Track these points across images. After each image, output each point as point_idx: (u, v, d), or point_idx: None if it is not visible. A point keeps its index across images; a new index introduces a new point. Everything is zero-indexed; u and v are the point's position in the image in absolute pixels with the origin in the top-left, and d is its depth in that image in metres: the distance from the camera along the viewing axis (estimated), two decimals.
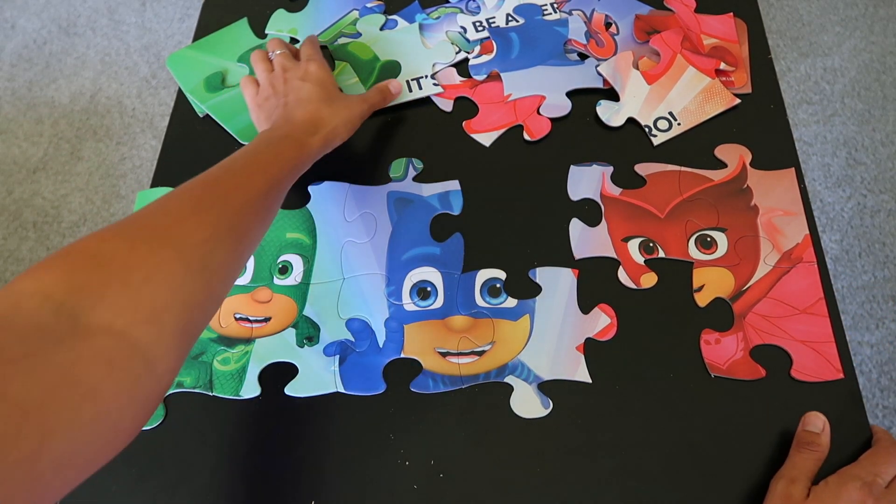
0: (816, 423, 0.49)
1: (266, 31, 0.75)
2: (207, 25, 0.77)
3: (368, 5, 0.76)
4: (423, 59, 0.71)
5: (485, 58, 0.70)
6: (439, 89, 0.69)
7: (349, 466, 0.52)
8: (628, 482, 0.50)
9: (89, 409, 0.30)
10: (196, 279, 0.39)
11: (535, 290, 0.57)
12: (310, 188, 0.64)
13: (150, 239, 0.39)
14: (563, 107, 0.67)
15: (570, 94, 0.67)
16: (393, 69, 0.71)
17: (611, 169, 0.63)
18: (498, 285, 0.57)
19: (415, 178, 0.64)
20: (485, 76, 0.69)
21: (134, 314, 0.34)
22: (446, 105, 0.68)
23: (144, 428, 0.53)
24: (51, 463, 0.28)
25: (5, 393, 0.27)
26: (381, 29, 0.74)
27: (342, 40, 0.74)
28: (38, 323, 0.31)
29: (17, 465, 0.26)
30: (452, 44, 0.72)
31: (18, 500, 0.26)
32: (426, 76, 0.69)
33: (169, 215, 0.41)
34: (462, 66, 0.71)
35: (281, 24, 0.76)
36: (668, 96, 0.66)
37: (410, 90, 0.69)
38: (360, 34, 0.74)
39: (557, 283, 0.57)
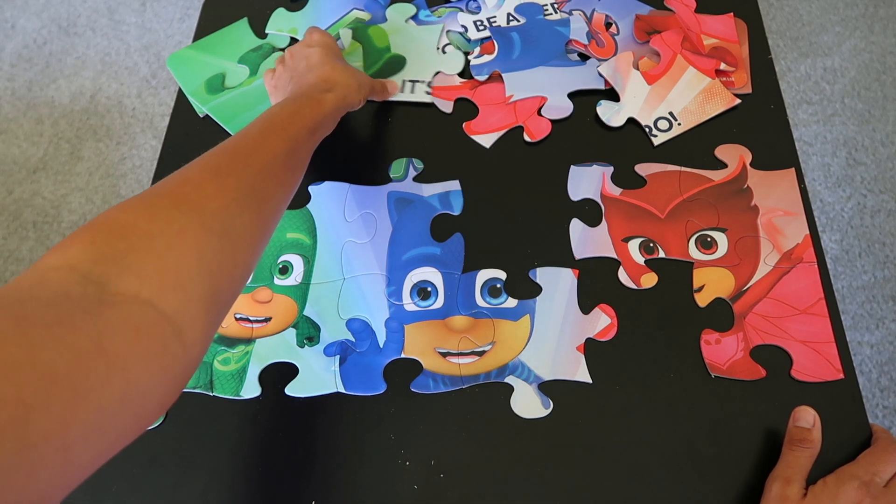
0: (807, 418, 0.48)
1: (266, 31, 0.75)
2: (207, 25, 0.77)
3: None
4: (430, 64, 0.71)
5: (486, 58, 0.70)
6: (429, 98, 0.69)
7: (349, 466, 0.52)
8: (628, 482, 0.50)
9: (118, 378, 0.29)
10: (219, 245, 0.38)
11: (536, 290, 0.57)
12: (310, 188, 0.64)
13: (170, 207, 0.38)
14: (564, 108, 0.67)
15: (570, 95, 0.67)
16: (398, 64, 0.71)
17: (611, 169, 0.63)
18: (498, 285, 0.57)
19: (415, 179, 0.64)
20: (486, 76, 0.69)
21: (160, 282, 0.34)
22: (446, 106, 0.68)
23: None
24: (81, 432, 0.27)
25: (35, 359, 0.26)
26: (407, 21, 0.74)
27: (362, 15, 0.75)
28: (65, 292, 0.31)
29: (47, 432, 0.26)
30: (460, 50, 0.72)
31: (49, 468, 0.26)
32: (423, 81, 0.69)
33: (188, 183, 0.40)
34: (462, 68, 0.71)
35: (281, 23, 0.76)
36: (669, 96, 0.66)
37: (402, 90, 0.69)
38: (387, 19, 0.74)
39: (558, 283, 0.57)
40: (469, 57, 0.71)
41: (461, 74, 0.70)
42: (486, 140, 0.66)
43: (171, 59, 0.74)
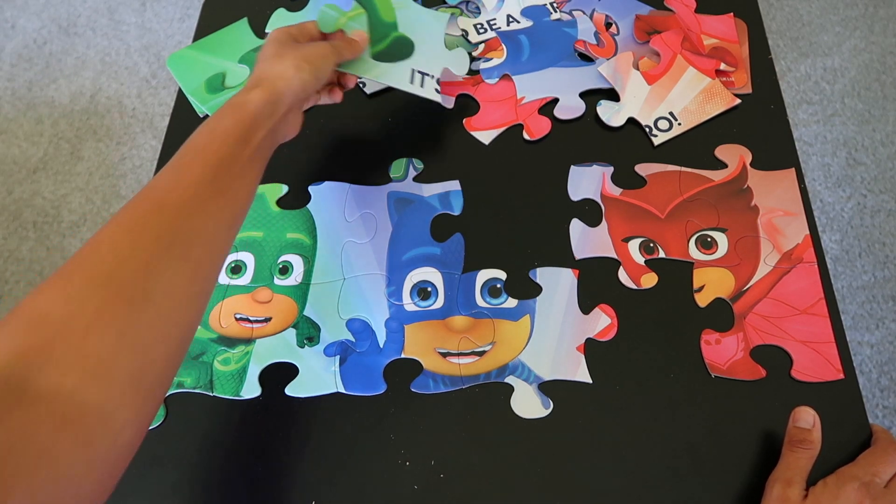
0: (807, 418, 0.48)
1: (266, 31, 0.75)
2: (207, 25, 0.77)
3: None
4: (438, 58, 0.66)
5: (496, 61, 0.70)
6: (438, 98, 0.66)
7: (349, 466, 0.52)
8: (628, 482, 0.50)
9: (45, 472, 0.29)
10: (142, 314, 0.36)
11: (536, 290, 0.57)
12: (310, 188, 0.64)
13: (85, 283, 0.35)
14: (577, 108, 0.67)
15: (580, 95, 0.67)
16: (406, 48, 0.66)
17: (611, 169, 0.63)
18: (498, 285, 0.57)
19: (415, 179, 0.64)
20: (496, 79, 0.69)
21: (82, 371, 0.33)
22: (448, 102, 0.68)
23: None
24: None
25: None
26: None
27: None
28: None
29: None
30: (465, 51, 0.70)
31: None
32: (433, 76, 0.65)
33: (101, 247, 0.37)
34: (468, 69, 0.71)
35: (281, 23, 0.75)
36: (669, 96, 0.66)
37: (412, 82, 0.65)
38: None
39: (558, 283, 0.57)
40: (473, 54, 0.71)
41: None
42: (486, 137, 0.66)
43: (171, 59, 0.74)
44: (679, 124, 0.65)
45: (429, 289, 0.58)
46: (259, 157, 0.47)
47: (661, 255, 0.58)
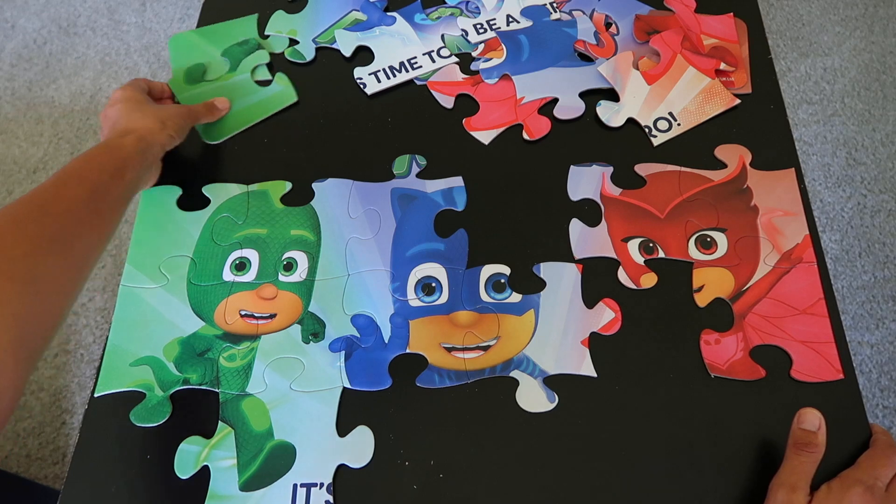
0: (812, 420, 0.48)
1: (266, 32, 0.75)
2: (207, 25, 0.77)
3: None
4: (328, 456, 0.52)
5: (495, 61, 0.70)
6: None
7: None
8: (628, 481, 0.50)
9: None
10: (24, 292, 0.41)
11: (540, 284, 0.57)
12: (314, 185, 0.64)
13: None
14: (576, 108, 0.67)
15: (580, 95, 0.67)
16: (286, 458, 0.52)
17: (611, 169, 0.63)
18: (502, 280, 0.58)
19: (418, 175, 0.64)
20: (496, 79, 0.69)
21: None
22: (447, 102, 0.69)
23: (149, 425, 0.53)
24: None
25: None
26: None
27: (361, 16, 0.74)
28: None
29: None
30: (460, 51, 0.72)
31: None
32: (322, 485, 0.51)
33: None
34: (465, 64, 0.71)
35: (280, 25, 0.76)
36: (668, 96, 0.66)
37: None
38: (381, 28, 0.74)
39: (562, 277, 0.57)
40: (473, 54, 0.71)
41: (462, 70, 0.71)
42: (485, 137, 0.66)
43: (174, 40, 0.74)
44: (678, 124, 0.65)
45: (433, 284, 0.58)
46: (126, 197, 0.54)
47: (661, 255, 0.58)
